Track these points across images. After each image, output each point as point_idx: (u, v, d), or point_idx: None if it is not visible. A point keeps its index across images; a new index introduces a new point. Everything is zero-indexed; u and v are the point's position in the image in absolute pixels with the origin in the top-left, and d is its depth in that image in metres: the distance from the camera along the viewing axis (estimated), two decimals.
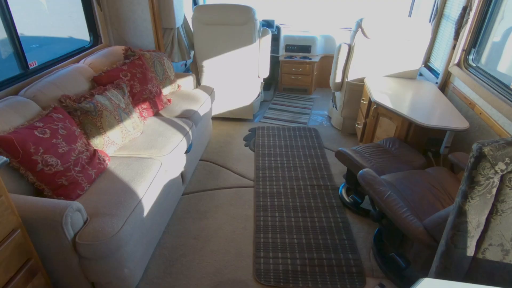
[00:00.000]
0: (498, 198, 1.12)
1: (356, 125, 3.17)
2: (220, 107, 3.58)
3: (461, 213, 1.16)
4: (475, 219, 1.16)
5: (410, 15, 3.87)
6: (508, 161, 1.06)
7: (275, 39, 4.21)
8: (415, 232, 1.61)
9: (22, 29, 2.11)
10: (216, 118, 3.65)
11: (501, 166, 1.07)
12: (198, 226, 2.29)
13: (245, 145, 3.23)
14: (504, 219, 1.13)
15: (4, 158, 1.26)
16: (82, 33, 2.88)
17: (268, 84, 4.44)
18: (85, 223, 1.56)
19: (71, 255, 1.52)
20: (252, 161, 2.98)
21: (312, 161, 2.98)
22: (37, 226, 1.46)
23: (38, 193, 1.70)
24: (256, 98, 3.57)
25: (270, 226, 2.27)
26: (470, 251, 1.21)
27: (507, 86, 2.20)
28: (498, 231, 1.15)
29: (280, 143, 3.25)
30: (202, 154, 3.04)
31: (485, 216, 1.15)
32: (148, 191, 1.85)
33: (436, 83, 2.98)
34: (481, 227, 1.17)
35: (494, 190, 1.11)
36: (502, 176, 1.09)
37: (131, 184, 1.82)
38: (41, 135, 1.69)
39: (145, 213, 1.81)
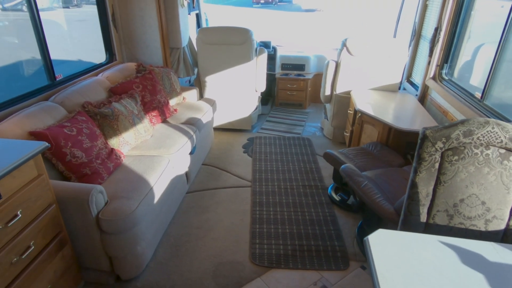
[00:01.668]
0: (440, 171, 1.41)
1: (345, 133, 3.47)
2: (221, 119, 3.91)
3: (413, 185, 1.45)
4: (424, 190, 1.44)
5: (395, 36, 4.28)
6: (445, 140, 1.37)
7: (272, 58, 4.60)
8: (386, 213, 1.89)
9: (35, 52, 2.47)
10: (217, 129, 3.97)
11: (439, 144, 1.37)
12: (200, 218, 2.55)
13: (244, 152, 3.53)
14: (447, 189, 1.42)
15: (46, 143, 1.57)
16: (91, 56, 3.24)
17: (266, 99, 4.80)
18: (106, 204, 1.84)
19: (94, 230, 1.79)
20: (250, 166, 3.27)
21: (304, 166, 3.27)
22: (67, 204, 1.74)
23: (66, 180, 1.99)
24: (254, 110, 3.91)
25: (265, 219, 2.54)
26: (423, 218, 1.48)
27: (472, 95, 2.52)
28: (443, 199, 1.43)
29: (276, 150, 3.55)
30: (204, 159, 3.34)
31: (432, 187, 1.44)
32: (158, 181, 2.14)
33: (416, 95, 3.32)
34: (430, 196, 1.45)
35: (437, 165, 1.41)
36: (442, 153, 1.39)
37: (143, 175, 2.12)
38: (69, 132, 2.00)
39: (156, 200, 2.09)
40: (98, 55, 3.30)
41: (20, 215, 1.43)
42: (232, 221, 2.53)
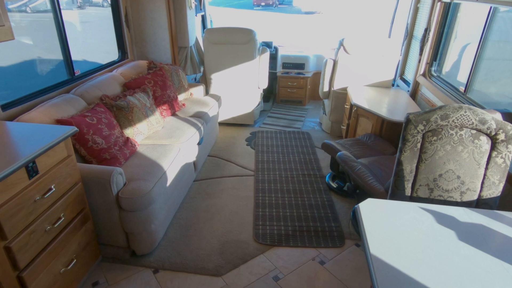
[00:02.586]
0: (422, 150, 1.62)
1: (342, 127, 3.68)
2: (225, 114, 4.12)
3: (399, 163, 1.66)
4: (408, 167, 1.65)
5: (389, 36, 4.49)
6: (425, 123, 1.57)
7: (274, 57, 4.82)
8: (377, 192, 2.09)
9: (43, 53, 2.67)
10: (221, 124, 4.18)
11: (421, 127, 1.58)
12: (207, 203, 2.76)
13: (247, 145, 3.74)
14: (427, 166, 1.63)
15: (76, 128, 1.78)
16: (96, 57, 3.41)
17: (267, 96, 5.01)
18: (124, 185, 2.05)
19: (114, 208, 2.00)
20: (253, 157, 3.48)
21: (304, 157, 3.48)
22: (90, 184, 1.94)
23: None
24: (257, 106, 4.12)
25: (267, 204, 2.74)
26: (408, 192, 1.69)
27: (457, 89, 2.73)
28: (424, 174, 1.64)
29: (277, 143, 3.75)
30: (210, 151, 3.54)
31: (415, 164, 1.64)
32: (170, 167, 2.35)
33: (408, 91, 3.53)
34: (413, 173, 1.66)
35: (419, 145, 1.61)
36: (423, 135, 1.60)
37: (157, 161, 2.32)
38: (90, 121, 2.21)
39: (168, 183, 2.29)
40: (103, 56, 3.49)
41: (53, 189, 1.63)
42: (237, 205, 2.74)
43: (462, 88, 2.63)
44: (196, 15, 4.04)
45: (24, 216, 1.47)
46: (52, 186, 1.63)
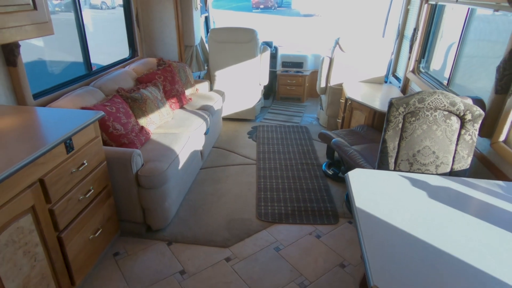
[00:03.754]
0: (402, 129, 1.88)
1: (337, 120, 3.95)
2: (228, 109, 4.38)
3: (384, 141, 1.92)
4: (392, 144, 1.91)
5: (384, 36, 4.77)
6: (405, 106, 1.84)
7: (274, 57, 5.09)
8: None
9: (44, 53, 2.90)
10: (225, 119, 4.44)
11: (401, 109, 1.84)
12: (213, 188, 3.01)
13: (249, 138, 4.00)
14: (408, 143, 1.89)
15: (103, 112, 2.03)
16: (97, 59, 3.46)
17: (268, 94, 5.28)
18: (142, 165, 2.30)
19: (133, 186, 2.25)
20: (254, 148, 3.74)
21: (302, 148, 3.74)
22: (113, 164, 2.19)
23: None
24: (258, 102, 4.38)
25: (268, 188, 3.00)
26: (391, 166, 1.95)
27: (441, 83, 3.00)
28: (405, 150, 1.90)
29: (277, 136, 4.02)
30: (214, 143, 3.80)
31: (397, 142, 1.91)
32: (181, 152, 2.60)
33: (399, 87, 3.80)
34: (396, 149, 1.92)
35: (400, 125, 1.88)
36: (404, 116, 1.86)
37: (170, 146, 2.58)
38: (110, 110, 2.47)
39: (180, 166, 2.55)
40: (102, 57, 3.66)
41: (86, 163, 1.89)
42: (241, 189, 2.99)
43: (445, 82, 2.90)
44: (200, 16, 4.31)
45: (63, 185, 1.72)
46: (85, 161, 1.88)
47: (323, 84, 4.02)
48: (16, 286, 1.45)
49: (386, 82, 4.14)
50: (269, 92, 5.35)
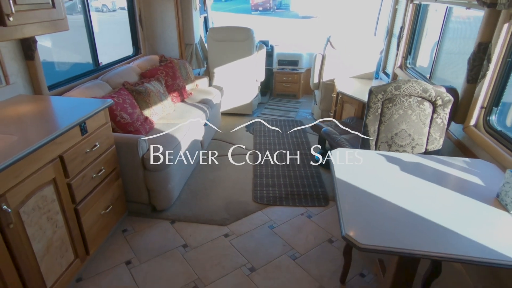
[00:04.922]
0: (381, 114, 2.10)
1: (330, 114, 4.17)
2: (227, 105, 4.60)
3: (365, 125, 2.14)
4: (372, 128, 2.13)
5: (375, 34, 5.00)
6: (383, 93, 2.06)
7: (270, 55, 5.31)
8: None
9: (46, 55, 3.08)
10: (223, 114, 4.65)
11: (380, 96, 2.07)
12: (213, 174, 3.23)
13: (246, 131, 4.22)
14: (386, 127, 2.11)
15: (112, 100, 2.25)
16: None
17: (264, 91, 5.50)
18: (147, 150, 2.52)
19: (139, 168, 2.47)
20: (252, 140, 3.96)
21: (296, 140, 3.96)
22: (121, 148, 2.41)
23: None
24: (255, 97, 4.60)
25: (264, 174, 3.21)
26: (372, 148, 2.17)
27: (424, 76, 3.23)
28: (384, 133, 2.12)
29: (273, 129, 4.23)
30: (213, 135, 4.02)
31: (377, 126, 2.13)
32: (183, 139, 2.82)
33: (388, 82, 4.02)
34: (376, 133, 2.14)
35: (379, 110, 2.10)
36: (382, 102, 2.08)
37: (172, 134, 2.79)
38: (117, 100, 2.68)
39: (182, 151, 2.77)
40: (101, 58, 3.81)
41: (98, 145, 2.10)
42: (238, 176, 3.21)
43: (428, 76, 3.13)
44: (200, 16, 4.54)
45: (79, 163, 1.94)
46: (97, 143, 2.10)
47: (316, 80, 4.24)
48: (41, 247, 1.67)
49: (376, 78, 4.36)
50: (266, 89, 5.58)
